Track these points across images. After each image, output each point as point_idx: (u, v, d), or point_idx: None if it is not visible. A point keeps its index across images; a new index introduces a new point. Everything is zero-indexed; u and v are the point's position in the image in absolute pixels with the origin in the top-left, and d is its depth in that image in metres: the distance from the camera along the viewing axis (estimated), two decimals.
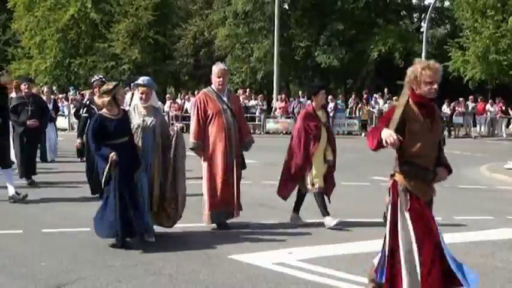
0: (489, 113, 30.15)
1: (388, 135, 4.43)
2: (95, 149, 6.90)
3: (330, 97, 26.04)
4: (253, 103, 30.42)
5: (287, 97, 32.76)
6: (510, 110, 29.86)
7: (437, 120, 4.75)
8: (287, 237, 7.49)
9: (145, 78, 7.52)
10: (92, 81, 10.51)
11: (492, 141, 27.23)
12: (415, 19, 45.06)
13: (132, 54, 37.48)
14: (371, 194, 10.93)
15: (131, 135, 7.06)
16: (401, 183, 4.68)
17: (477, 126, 29.99)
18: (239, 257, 6.49)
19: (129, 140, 6.98)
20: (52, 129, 14.96)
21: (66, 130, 28.07)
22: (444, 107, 29.04)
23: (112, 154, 6.64)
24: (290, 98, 33.02)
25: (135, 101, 7.51)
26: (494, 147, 23.28)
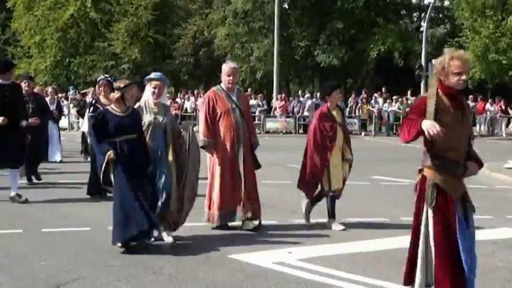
0: (489, 113, 30.16)
1: (432, 126, 4.24)
2: (95, 142, 6.83)
3: None
4: (253, 102, 30.42)
5: (287, 96, 32.79)
6: (510, 110, 29.88)
7: (467, 113, 4.61)
8: (287, 236, 7.48)
9: (157, 73, 7.43)
10: (98, 80, 10.44)
11: (492, 140, 27.24)
12: (415, 18, 45.12)
13: (132, 53, 37.51)
14: (371, 194, 10.93)
15: (141, 133, 6.90)
16: (430, 178, 4.51)
17: (477, 125, 30.01)
18: (239, 257, 6.48)
19: (137, 138, 6.81)
20: (55, 129, 14.92)
21: (66, 129, 28.06)
22: None
23: (110, 152, 6.57)
24: (290, 98, 33.04)
25: (146, 97, 7.26)
26: (494, 146, 23.27)
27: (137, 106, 7.12)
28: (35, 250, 6.68)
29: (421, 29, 38.39)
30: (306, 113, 30.31)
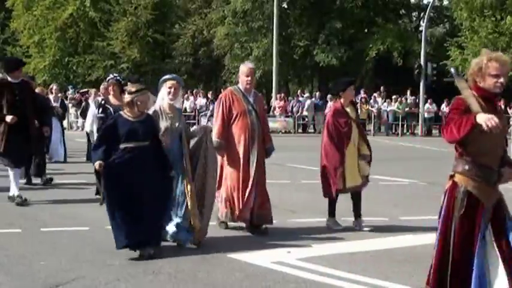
0: None
1: (489, 118, 3.96)
2: (94, 147, 6.56)
3: (329, 96, 26.04)
4: None
5: (286, 96, 32.78)
6: (509, 109, 29.87)
7: (502, 117, 4.35)
8: (286, 236, 7.47)
9: (172, 74, 7.26)
10: (107, 79, 10.33)
11: None
12: (414, 18, 45.17)
13: (131, 53, 37.49)
14: (370, 193, 10.91)
15: (156, 139, 6.55)
16: (462, 184, 4.29)
17: None
18: (238, 256, 6.48)
19: (151, 145, 6.45)
20: (59, 128, 14.89)
21: (65, 129, 28.01)
22: (443, 106, 29.05)
23: (96, 164, 6.26)
24: (289, 97, 33.03)
25: (160, 101, 6.94)
26: None
27: (152, 111, 6.79)
28: (34, 250, 6.68)
29: (420, 29, 38.39)
30: (305, 113, 30.31)
